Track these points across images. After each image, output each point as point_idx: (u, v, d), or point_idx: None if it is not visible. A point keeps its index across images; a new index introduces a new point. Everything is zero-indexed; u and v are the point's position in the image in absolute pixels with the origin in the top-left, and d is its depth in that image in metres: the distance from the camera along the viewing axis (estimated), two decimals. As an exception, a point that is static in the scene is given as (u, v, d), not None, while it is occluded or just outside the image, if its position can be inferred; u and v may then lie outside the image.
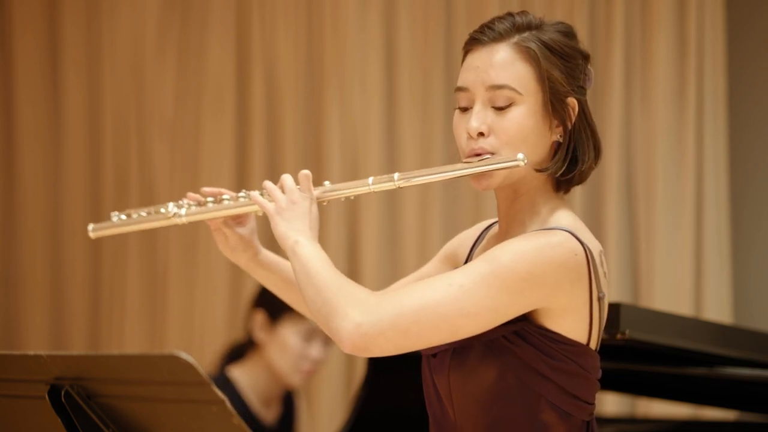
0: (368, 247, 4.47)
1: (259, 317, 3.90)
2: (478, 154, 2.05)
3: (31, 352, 1.92)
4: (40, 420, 1.94)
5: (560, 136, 2.08)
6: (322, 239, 2.17)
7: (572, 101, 2.08)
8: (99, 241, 4.92)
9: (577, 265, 1.99)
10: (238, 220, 2.30)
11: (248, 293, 4.33)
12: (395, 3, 4.50)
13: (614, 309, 2.75)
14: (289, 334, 3.87)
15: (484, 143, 2.05)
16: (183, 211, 2.28)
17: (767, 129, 4.21)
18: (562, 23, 2.12)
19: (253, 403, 3.88)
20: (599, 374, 2.07)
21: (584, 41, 4.24)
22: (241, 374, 3.90)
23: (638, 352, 3.07)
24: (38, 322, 4.98)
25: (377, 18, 4.50)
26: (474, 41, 2.09)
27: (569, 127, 2.08)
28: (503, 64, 2.05)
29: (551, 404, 1.99)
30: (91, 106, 4.93)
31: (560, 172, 2.09)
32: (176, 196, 4.70)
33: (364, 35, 4.52)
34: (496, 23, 2.08)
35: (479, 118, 2.05)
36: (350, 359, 4.43)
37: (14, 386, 1.98)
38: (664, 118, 4.13)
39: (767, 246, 4.19)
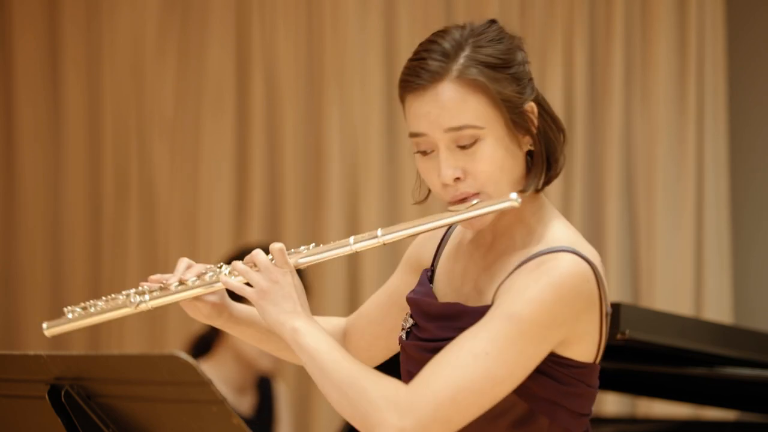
0: (368, 259, 4.46)
1: None
2: (463, 199, 1.93)
3: (31, 352, 1.92)
4: (40, 420, 1.93)
5: (530, 144, 1.97)
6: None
7: (530, 106, 1.96)
8: (99, 241, 4.92)
9: (590, 291, 1.91)
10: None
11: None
12: (395, 3, 4.50)
13: (614, 309, 2.74)
14: None
15: (465, 187, 1.92)
16: (146, 297, 2.17)
17: (767, 129, 4.21)
18: (489, 25, 1.97)
19: (227, 395, 3.83)
20: (598, 383, 2.03)
21: (584, 41, 4.27)
22: (209, 368, 3.83)
23: (638, 352, 3.07)
24: (38, 322, 4.95)
25: (377, 18, 4.50)
26: (411, 85, 1.94)
27: (534, 132, 1.97)
28: (454, 104, 1.91)
29: (560, 426, 1.94)
30: (91, 106, 4.93)
31: (541, 183, 1.98)
32: (176, 196, 4.74)
33: (364, 35, 4.52)
34: (428, 61, 1.94)
35: (450, 164, 1.92)
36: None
37: (14, 386, 1.98)
38: (664, 118, 4.13)
39: (767, 246, 4.19)
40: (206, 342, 3.92)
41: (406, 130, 4.92)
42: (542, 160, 1.98)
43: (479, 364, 1.85)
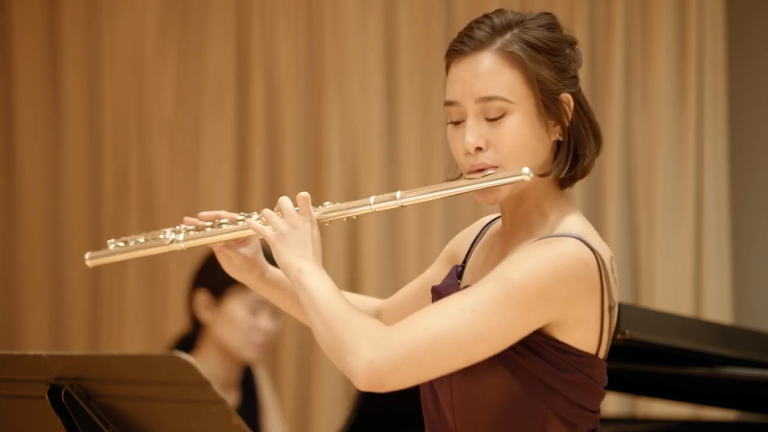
0: (369, 256, 4.46)
1: (202, 297, 3.85)
2: (481, 170, 1.98)
3: (31, 352, 1.92)
4: (40, 420, 1.94)
5: (559, 134, 2.02)
6: (323, 251, 2.12)
7: (566, 97, 2.01)
8: (99, 241, 4.92)
9: (590, 276, 1.93)
10: (240, 241, 2.24)
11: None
12: (395, 3, 4.50)
13: (614, 309, 2.74)
14: (235, 308, 3.82)
15: (484, 158, 1.98)
16: (181, 236, 2.24)
17: (767, 129, 4.21)
18: (543, 15, 2.04)
19: None
20: (606, 382, 2.03)
21: (584, 41, 4.27)
22: None
23: (638, 352, 3.07)
24: (38, 322, 4.97)
25: (377, 18, 4.50)
26: (455, 52, 2.03)
27: (567, 124, 2.02)
28: (489, 73, 1.98)
29: (558, 416, 1.95)
30: (91, 106, 4.93)
31: (565, 171, 2.02)
32: (176, 196, 4.75)
33: (364, 35, 4.52)
34: (475, 30, 2.01)
35: (474, 132, 1.98)
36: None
37: (14, 386, 1.98)
38: (664, 118, 4.13)
39: (767, 246, 4.19)
40: (190, 338, 3.91)
41: (406, 131, 4.91)
42: (568, 151, 2.02)
43: (463, 318, 1.89)
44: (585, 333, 1.95)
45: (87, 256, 2.39)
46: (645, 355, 3.11)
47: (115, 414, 1.89)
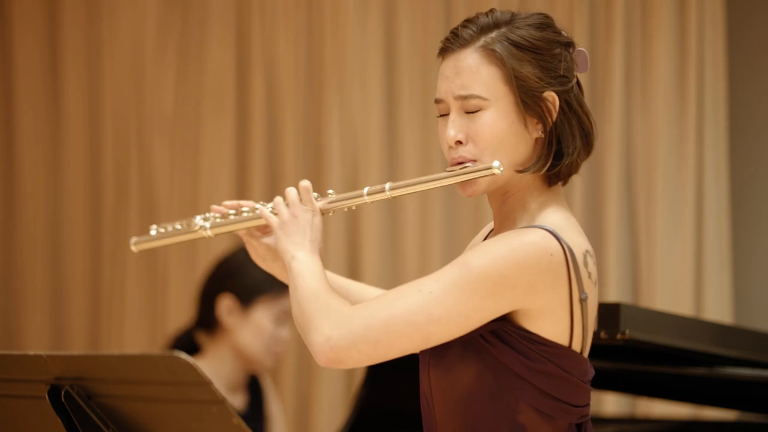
0: (369, 251, 4.46)
1: (227, 302, 3.85)
2: (460, 163, 2.05)
3: (31, 352, 1.92)
4: (40, 420, 1.94)
5: (541, 132, 2.05)
6: (324, 240, 2.18)
7: (550, 95, 2.04)
8: (99, 241, 4.92)
9: (552, 266, 1.96)
10: (263, 230, 2.31)
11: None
12: (395, 3, 4.50)
13: (614, 309, 2.75)
14: (262, 317, 3.83)
15: (463, 151, 2.04)
16: (208, 224, 2.32)
17: (767, 129, 4.21)
18: (536, 14, 2.08)
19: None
20: (588, 376, 2.03)
21: (584, 41, 4.26)
22: (204, 364, 3.79)
23: (638, 352, 3.07)
24: (38, 322, 4.97)
25: (377, 18, 4.50)
26: (442, 50, 2.09)
27: (549, 122, 2.04)
28: (468, 71, 2.03)
29: (529, 406, 1.97)
30: (91, 106, 4.92)
31: (545, 169, 2.06)
32: (176, 196, 4.75)
33: (364, 35, 4.52)
34: (461, 29, 2.07)
35: (455, 126, 2.04)
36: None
37: (14, 386, 1.98)
38: (664, 118, 4.13)
39: (767, 246, 4.19)
40: (193, 337, 3.91)
41: (406, 131, 4.91)
42: (549, 149, 2.05)
43: (420, 299, 1.94)
44: (553, 323, 1.98)
45: (132, 240, 2.44)
46: (645, 355, 3.11)
47: (115, 414, 1.89)
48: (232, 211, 2.31)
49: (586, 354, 2.04)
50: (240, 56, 4.72)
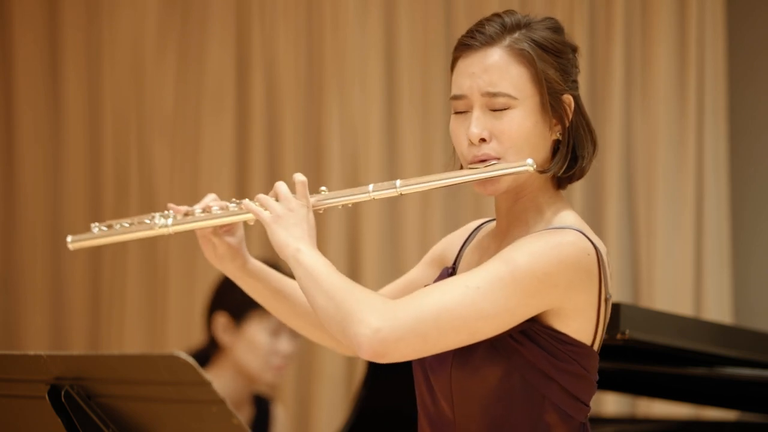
0: (369, 248, 4.47)
1: (222, 320, 3.83)
2: (483, 160, 2.03)
3: (31, 352, 1.92)
4: (40, 420, 1.94)
5: (560, 134, 2.07)
6: (322, 241, 2.15)
7: (568, 98, 2.06)
8: (99, 241, 4.92)
9: (590, 266, 1.98)
10: (227, 229, 2.28)
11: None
12: (395, 3, 4.50)
13: (614, 309, 2.74)
14: (256, 332, 3.80)
15: (487, 149, 2.03)
16: (169, 221, 2.26)
17: (767, 129, 4.21)
18: (549, 19, 2.10)
19: None
20: (597, 376, 2.06)
21: (584, 41, 4.27)
22: None
23: (638, 352, 3.07)
24: (38, 322, 4.97)
25: (377, 18, 4.50)
26: (465, 47, 2.07)
27: (567, 124, 2.07)
28: (497, 69, 2.03)
29: (554, 405, 1.98)
30: (91, 106, 4.93)
31: (563, 170, 2.07)
32: (176, 196, 4.74)
33: (364, 35, 4.52)
34: (486, 26, 2.06)
35: (479, 123, 2.02)
36: (350, 359, 4.43)
37: (14, 386, 1.98)
38: (664, 118, 4.13)
39: (767, 246, 4.19)
40: (203, 355, 3.90)
41: (406, 131, 4.91)
42: (567, 150, 2.07)
43: (468, 294, 1.92)
44: (582, 323, 1.99)
45: (69, 239, 2.34)
46: (645, 355, 3.12)
47: (115, 414, 1.89)
48: (198, 209, 2.26)
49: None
50: (240, 56, 4.72)
